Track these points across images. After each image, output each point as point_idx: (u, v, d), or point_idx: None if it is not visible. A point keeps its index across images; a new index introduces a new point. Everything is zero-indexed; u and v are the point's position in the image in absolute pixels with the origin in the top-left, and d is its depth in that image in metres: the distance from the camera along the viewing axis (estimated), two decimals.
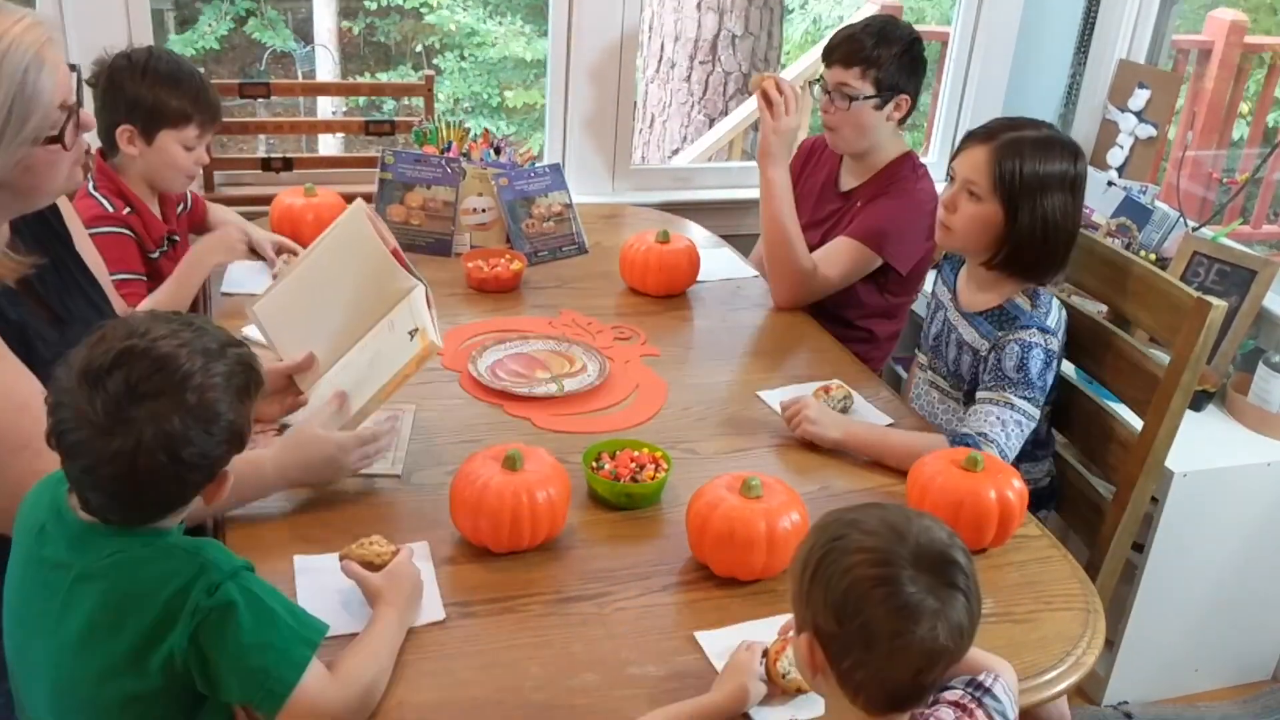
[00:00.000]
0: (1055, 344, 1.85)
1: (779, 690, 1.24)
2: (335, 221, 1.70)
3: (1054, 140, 1.84)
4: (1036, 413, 1.81)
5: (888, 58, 2.21)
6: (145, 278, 2.03)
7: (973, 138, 1.87)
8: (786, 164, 2.26)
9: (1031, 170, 1.79)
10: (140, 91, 1.97)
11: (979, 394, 1.84)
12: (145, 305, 1.92)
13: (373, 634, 1.24)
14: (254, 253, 2.19)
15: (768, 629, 1.31)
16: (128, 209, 2.02)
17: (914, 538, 1.03)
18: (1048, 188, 1.80)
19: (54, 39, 1.30)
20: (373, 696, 1.19)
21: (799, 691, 1.24)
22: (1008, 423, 1.78)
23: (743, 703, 1.21)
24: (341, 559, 1.33)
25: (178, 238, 2.18)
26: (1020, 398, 1.79)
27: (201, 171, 2.21)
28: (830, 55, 2.27)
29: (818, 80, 2.32)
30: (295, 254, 2.24)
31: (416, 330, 1.57)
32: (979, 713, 1.10)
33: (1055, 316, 1.88)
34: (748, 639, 1.29)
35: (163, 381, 1.07)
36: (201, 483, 1.14)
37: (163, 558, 1.12)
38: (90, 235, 1.82)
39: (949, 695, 1.11)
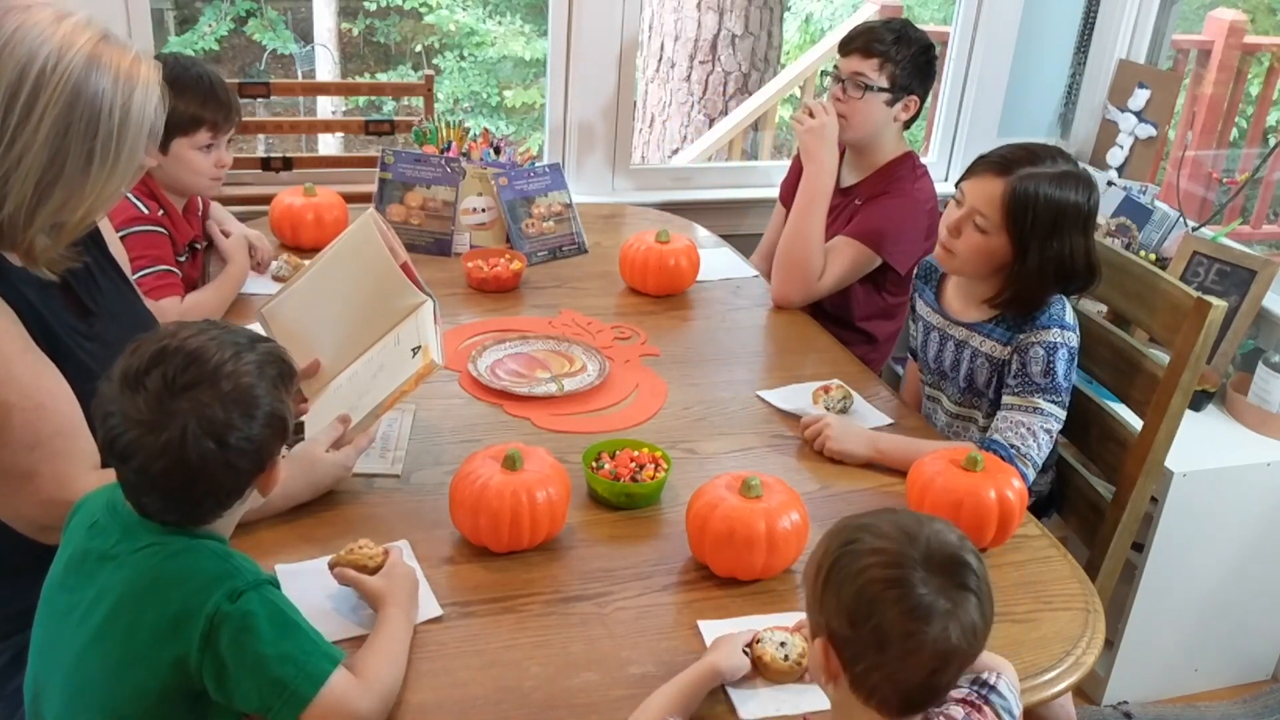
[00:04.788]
0: (1076, 341, 1.82)
1: (768, 674, 1.26)
2: (346, 230, 1.71)
3: (1069, 176, 1.77)
4: (1063, 414, 1.80)
5: (905, 56, 2.24)
6: (179, 272, 2.06)
7: (987, 166, 1.80)
8: (826, 162, 2.24)
9: (1046, 212, 1.75)
10: None
11: (1005, 398, 1.81)
12: (189, 302, 1.98)
13: (386, 636, 1.24)
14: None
15: (769, 624, 1.31)
16: (160, 211, 2.04)
17: (925, 540, 1.04)
18: (1061, 230, 1.76)
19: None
20: (393, 698, 1.20)
21: (778, 678, 1.26)
22: (1038, 431, 1.77)
23: (720, 672, 1.24)
24: (332, 566, 1.34)
25: (199, 245, 2.19)
26: (1049, 402, 1.78)
27: None
28: (848, 45, 2.29)
29: (830, 70, 2.33)
30: (293, 254, 2.25)
31: (420, 347, 1.57)
32: (987, 710, 1.11)
33: (1070, 311, 1.85)
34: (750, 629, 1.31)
35: (198, 372, 1.12)
36: (252, 471, 1.17)
37: (193, 553, 1.15)
38: (127, 235, 1.89)
39: (956, 694, 1.12)
